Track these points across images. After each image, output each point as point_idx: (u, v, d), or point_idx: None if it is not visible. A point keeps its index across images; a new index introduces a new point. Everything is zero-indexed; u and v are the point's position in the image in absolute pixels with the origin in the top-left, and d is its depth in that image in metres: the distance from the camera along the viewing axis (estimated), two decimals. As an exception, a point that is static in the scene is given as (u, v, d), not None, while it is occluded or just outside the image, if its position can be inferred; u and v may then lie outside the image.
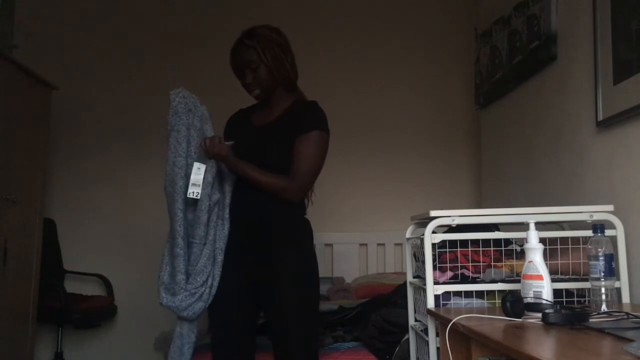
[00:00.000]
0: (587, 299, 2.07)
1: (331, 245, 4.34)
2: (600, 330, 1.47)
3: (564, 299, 2.07)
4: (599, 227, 1.85)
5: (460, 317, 1.75)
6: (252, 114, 2.49)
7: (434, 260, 2.16)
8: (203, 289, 2.23)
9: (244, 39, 2.35)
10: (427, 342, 2.21)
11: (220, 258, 2.27)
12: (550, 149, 2.89)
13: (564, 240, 2.17)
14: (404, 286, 2.66)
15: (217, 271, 2.26)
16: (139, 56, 4.40)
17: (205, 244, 2.24)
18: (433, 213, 2.19)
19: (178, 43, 4.40)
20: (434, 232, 2.18)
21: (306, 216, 2.42)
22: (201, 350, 2.74)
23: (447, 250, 2.20)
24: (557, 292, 1.94)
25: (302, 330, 2.26)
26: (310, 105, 2.40)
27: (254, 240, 2.30)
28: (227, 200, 2.31)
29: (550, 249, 2.12)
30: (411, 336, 2.51)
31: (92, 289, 4.20)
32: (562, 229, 2.40)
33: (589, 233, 1.94)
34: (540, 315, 1.64)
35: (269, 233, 2.29)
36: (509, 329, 1.59)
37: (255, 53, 2.32)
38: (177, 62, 4.37)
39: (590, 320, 1.61)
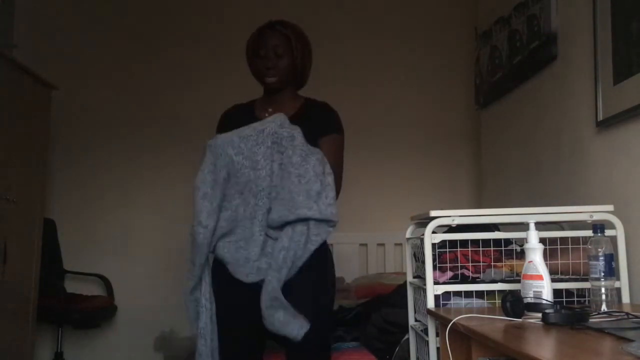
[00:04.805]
0: (587, 299, 2.07)
1: (331, 245, 4.31)
2: (600, 330, 1.46)
3: (564, 299, 2.07)
4: (599, 227, 1.84)
5: (460, 317, 1.75)
6: (254, 110, 2.34)
7: (434, 260, 2.16)
8: None
9: (277, 25, 2.28)
10: (427, 342, 2.21)
11: None
12: (550, 149, 2.89)
13: (564, 240, 2.17)
14: (404, 286, 2.66)
15: None
16: (139, 56, 4.40)
17: None
18: (433, 213, 2.19)
19: (178, 42, 4.40)
20: (434, 232, 2.18)
21: None
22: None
23: (447, 250, 2.20)
24: (557, 292, 1.94)
25: (318, 333, 2.18)
26: (326, 106, 2.35)
27: None
28: None
29: (550, 249, 2.12)
30: (411, 336, 2.51)
31: (92, 289, 4.20)
32: (562, 229, 2.40)
33: (589, 233, 1.94)
34: (540, 315, 1.63)
35: None
36: (509, 329, 1.59)
37: (287, 41, 2.25)
38: (177, 62, 4.37)
39: (590, 320, 1.61)
